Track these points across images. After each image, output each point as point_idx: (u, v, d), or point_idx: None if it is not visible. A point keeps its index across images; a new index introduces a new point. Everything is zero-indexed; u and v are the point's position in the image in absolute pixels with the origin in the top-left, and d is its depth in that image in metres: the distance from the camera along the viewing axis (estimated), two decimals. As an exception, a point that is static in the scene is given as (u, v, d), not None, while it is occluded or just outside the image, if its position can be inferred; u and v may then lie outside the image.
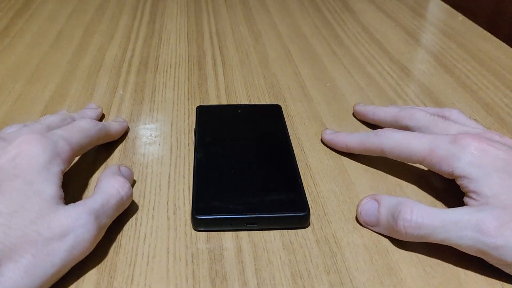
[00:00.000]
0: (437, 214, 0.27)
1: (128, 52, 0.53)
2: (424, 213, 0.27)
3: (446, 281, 0.27)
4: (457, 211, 0.27)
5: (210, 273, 0.27)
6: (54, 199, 0.26)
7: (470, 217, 0.26)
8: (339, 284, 0.27)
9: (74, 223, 0.25)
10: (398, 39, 0.59)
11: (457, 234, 0.26)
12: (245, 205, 0.30)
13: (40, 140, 0.28)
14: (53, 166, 0.28)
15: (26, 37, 0.57)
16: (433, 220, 0.27)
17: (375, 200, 0.30)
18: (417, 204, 0.28)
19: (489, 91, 0.47)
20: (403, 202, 0.28)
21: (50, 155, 0.28)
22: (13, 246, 0.23)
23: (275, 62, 0.52)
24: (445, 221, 0.26)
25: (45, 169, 0.27)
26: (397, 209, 0.28)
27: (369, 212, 0.30)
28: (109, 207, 0.28)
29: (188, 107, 0.43)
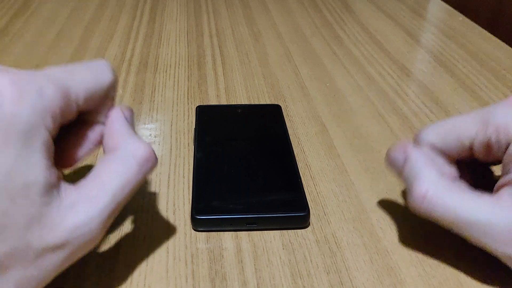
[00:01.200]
0: (452, 206, 0.24)
1: (127, 51, 0.53)
2: (438, 201, 0.24)
3: (446, 281, 0.27)
4: (476, 206, 0.24)
5: (209, 273, 0.27)
6: (45, 196, 0.20)
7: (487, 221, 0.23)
8: (339, 284, 0.27)
9: (73, 233, 0.20)
10: (398, 39, 0.59)
11: (467, 233, 0.24)
12: (245, 205, 0.30)
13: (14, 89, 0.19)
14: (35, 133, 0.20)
15: (25, 36, 0.57)
16: (445, 213, 0.24)
17: (404, 152, 0.27)
18: (435, 185, 0.25)
19: (489, 91, 0.47)
20: (422, 177, 0.25)
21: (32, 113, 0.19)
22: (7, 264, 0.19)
23: (275, 62, 0.52)
24: (457, 218, 0.24)
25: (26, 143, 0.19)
26: (414, 183, 0.25)
27: (395, 162, 0.28)
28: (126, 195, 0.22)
29: (188, 107, 0.43)
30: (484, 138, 0.25)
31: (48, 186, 0.20)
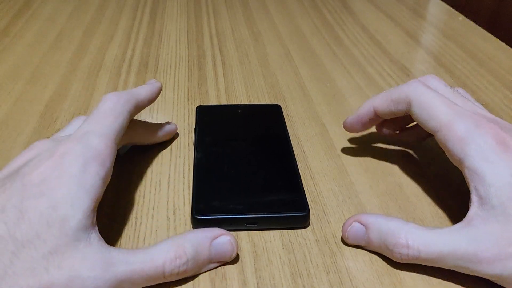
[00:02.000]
0: (432, 244, 0.25)
1: (128, 52, 0.53)
2: (420, 245, 0.25)
3: (446, 281, 0.27)
4: (455, 236, 0.25)
5: (209, 272, 0.27)
6: (76, 232, 0.22)
7: (467, 246, 0.24)
8: (339, 283, 0.27)
9: (87, 273, 0.22)
10: (398, 39, 0.59)
11: (454, 264, 0.25)
12: (245, 205, 0.30)
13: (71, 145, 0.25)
14: (87, 177, 0.24)
15: (26, 37, 0.57)
16: (429, 253, 0.25)
17: (360, 223, 0.28)
18: (411, 233, 0.26)
19: (489, 91, 0.47)
20: (395, 231, 0.26)
21: (82, 161, 0.24)
22: (16, 276, 0.21)
23: (275, 62, 0.52)
24: (441, 253, 0.25)
25: (76, 184, 0.23)
26: (391, 241, 0.26)
27: (357, 237, 0.28)
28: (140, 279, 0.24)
29: (188, 107, 0.43)
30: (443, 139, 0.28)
31: (83, 224, 0.23)
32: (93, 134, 0.26)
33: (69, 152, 0.24)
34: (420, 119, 0.29)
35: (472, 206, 0.26)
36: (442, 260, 0.25)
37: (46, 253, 0.22)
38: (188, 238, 0.26)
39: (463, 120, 0.27)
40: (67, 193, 0.23)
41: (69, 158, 0.24)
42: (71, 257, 0.22)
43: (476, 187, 0.25)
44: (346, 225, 0.28)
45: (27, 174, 0.24)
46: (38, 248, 0.22)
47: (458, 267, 0.25)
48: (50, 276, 0.21)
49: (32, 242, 0.22)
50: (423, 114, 0.29)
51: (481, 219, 0.25)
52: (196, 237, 0.26)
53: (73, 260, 0.22)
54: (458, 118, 0.27)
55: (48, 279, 0.21)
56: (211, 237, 0.26)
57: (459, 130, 0.26)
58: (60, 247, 0.22)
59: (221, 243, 0.26)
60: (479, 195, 0.25)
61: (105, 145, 0.26)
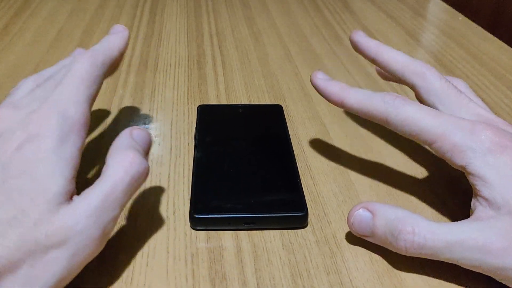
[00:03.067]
0: (440, 233, 0.25)
1: (127, 51, 0.53)
2: (427, 233, 0.25)
3: (446, 282, 0.27)
4: (463, 227, 0.25)
5: (209, 272, 0.27)
6: (57, 198, 0.23)
7: (477, 236, 0.24)
8: (339, 284, 0.27)
9: (72, 229, 0.22)
10: (398, 39, 0.58)
11: (461, 255, 0.25)
12: (243, 205, 0.30)
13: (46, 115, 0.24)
14: (65, 148, 0.24)
15: (26, 36, 0.57)
16: (436, 241, 0.25)
17: (368, 210, 0.27)
18: (418, 222, 0.25)
19: (489, 91, 0.47)
20: (402, 219, 0.26)
21: (60, 134, 0.24)
22: (11, 257, 0.21)
23: (275, 62, 0.52)
24: (449, 242, 0.24)
25: (55, 156, 0.23)
26: (397, 227, 0.26)
27: (362, 224, 0.27)
28: (116, 197, 0.24)
29: (188, 107, 0.43)
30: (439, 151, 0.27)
31: (62, 192, 0.23)
32: (68, 102, 0.26)
33: (45, 125, 0.24)
34: (408, 136, 0.28)
35: (478, 206, 0.26)
36: (449, 251, 0.25)
37: (32, 225, 0.22)
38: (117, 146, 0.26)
39: (457, 129, 0.26)
40: (47, 167, 0.23)
41: (45, 132, 0.24)
42: (54, 222, 0.22)
43: (481, 189, 0.25)
44: (353, 211, 0.28)
45: (3, 153, 0.23)
46: (24, 223, 0.22)
47: (465, 259, 0.25)
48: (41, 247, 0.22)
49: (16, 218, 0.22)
50: (409, 131, 0.28)
51: (489, 216, 0.25)
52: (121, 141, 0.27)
53: (57, 223, 0.22)
54: (452, 128, 0.26)
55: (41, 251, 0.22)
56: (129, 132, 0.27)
57: (455, 139, 0.26)
58: (44, 214, 0.22)
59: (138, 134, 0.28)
60: (484, 196, 0.25)
61: (81, 114, 0.26)
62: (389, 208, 0.27)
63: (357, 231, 0.28)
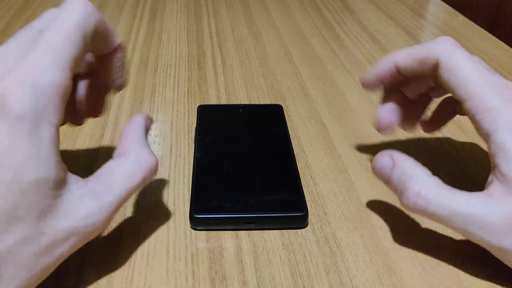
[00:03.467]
0: (445, 202, 0.25)
1: (128, 51, 0.53)
2: (432, 198, 0.25)
3: (446, 281, 0.27)
4: (471, 201, 0.24)
5: (209, 272, 0.27)
6: (56, 189, 0.21)
7: (481, 214, 0.24)
8: (339, 284, 0.27)
9: (83, 222, 0.22)
10: (398, 39, 0.59)
11: (462, 227, 0.24)
12: (243, 205, 0.30)
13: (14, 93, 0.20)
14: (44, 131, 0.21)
15: (26, 36, 0.57)
16: (439, 209, 0.25)
17: (391, 158, 0.28)
18: (428, 184, 0.25)
19: (489, 91, 0.47)
20: (413, 177, 0.26)
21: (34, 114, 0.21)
22: (11, 249, 0.21)
23: (275, 62, 0.52)
24: (452, 212, 0.24)
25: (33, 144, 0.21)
26: (405, 185, 0.26)
27: (383, 170, 0.28)
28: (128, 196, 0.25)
29: (188, 107, 0.43)
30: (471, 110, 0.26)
31: (58, 180, 0.22)
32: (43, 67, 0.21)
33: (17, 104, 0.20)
34: (447, 84, 0.27)
35: (494, 181, 0.25)
36: (451, 220, 0.25)
37: (35, 219, 0.21)
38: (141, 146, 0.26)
39: (495, 92, 0.25)
40: (27, 156, 0.20)
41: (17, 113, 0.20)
42: (61, 214, 0.22)
43: (500, 163, 0.24)
44: (377, 156, 0.28)
45: None
46: (24, 218, 0.21)
47: (465, 232, 0.25)
48: (47, 237, 0.21)
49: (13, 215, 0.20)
50: (451, 80, 0.26)
51: (502, 193, 0.24)
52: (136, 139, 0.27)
53: (64, 216, 0.22)
54: (490, 89, 0.25)
55: (46, 240, 0.21)
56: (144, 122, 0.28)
57: (491, 102, 0.25)
58: (45, 209, 0.21)
59: None
60: (501, 172, 0.24)
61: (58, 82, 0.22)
62: (410, 163, 0.27)
63: (376, 173, 0.29)
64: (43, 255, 0.22)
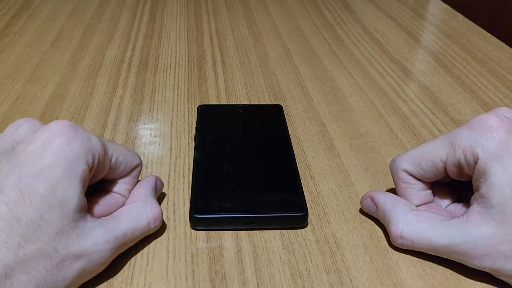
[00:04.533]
0: (426, 238, 0.27)
1: (128, 52, 0.53)
2: (414, 237, 0.27)
3: (446, 281, 0.27)
4: (450, 231, 0.26)
5: (209, 273, 0.27)
6: (76, 214, 0.24)
7: (460, 243, 0.26)
8: (339, 284, 0.27)
9: (92, 247, 0.24)
10: (398, 39, 0.59)
11: (447, 255, 0.27)
12: (243, 205, 0.30)
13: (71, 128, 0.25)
14: (79, 164, 0.24)
15: (26, 36, 0.57)
16: (423, 245, 0.27)
17: (372, 201, 0.30)
18: (408, 224, 0.27)
19: (489, 91, 0.47)
20: (392, 220, 0.28)
21: (80, 148, 0.24)
22: (27, 258, 0.22)
23: (275, 62, 0.52)
24: (435, 246, 0.27)
25: (70, 168, 0.24)
26: (390, 226, 0.28)
27: (369, 210, 0.31)
28: (133, 238, 0.27)
29: (188, 107, 0.43)
30: (454, 160, 0.27)
31: (80, 206, 0.24)
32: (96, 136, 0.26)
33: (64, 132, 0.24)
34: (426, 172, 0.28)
35: (473, 203, 0.26)
36: (436, 251, 0.27)
37: (52, 234, 0.23)
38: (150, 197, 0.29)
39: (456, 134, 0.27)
40: (62, 175, 0.23)
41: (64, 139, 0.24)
42: (75, 236, 0.24)
43: (480, 186, 0.26)
44: (362, 198, 0.31)
45: (23, 151, 0.24)
46: (44, 229, 0.22)
47: (451, 257, 0.27)
48: (59, 255, 0.23)
49: (37, 223, 0.22)
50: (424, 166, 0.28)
51: (479, 215, 0.26)
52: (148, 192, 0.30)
53: (77, 239, 0.24)
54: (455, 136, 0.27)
55: (58, 258, 0.23)
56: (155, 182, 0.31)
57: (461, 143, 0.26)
58: (64, 228, 0.23)
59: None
60: (481, 193, 0.26)
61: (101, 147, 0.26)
62: (389, 203, 0.29)
63: (367, 212, 0.31)
64: (52, 272, 0.23)
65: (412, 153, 0.29)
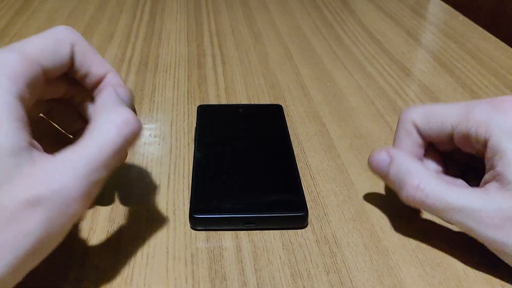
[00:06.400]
0: (443, 195, 0.26)
1: (127, 51, 0.53)
2: (429, 191, 0.26)
3: (446, 281, 0.27)
4: (466, 195, 0.26)
5: (209, 273, 0.27)
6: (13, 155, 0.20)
7: (477, 207, 0.25)
8: (339, 284, 0.27)
9: (47, 188, 0.20)
10: (398, 39, 0.58)
11: (458, 220, 0.26)
12: (243, 205, 0.30)
13: None
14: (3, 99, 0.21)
15: (26, 36, 0.56)
16: (436, 202, 0.26)
17: (388, 154, 0.29)
18: (426, 178, 0.26)
19: (489, 91, 0.47)
20: (411, 172, 0.27)
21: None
22: None
23: (275, 62, 0.52)
24: (449, 206, 0.25)
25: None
26: (404, 179, 0.27)
27: (380, 165, 0.29)
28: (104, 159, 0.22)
29: (188, 107, 0.43)
30: (465, 129, 0.27)
31: (17, 149, 0.20)
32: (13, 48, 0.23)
33: None
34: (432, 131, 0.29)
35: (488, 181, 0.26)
36: (447, 213, 0.26)
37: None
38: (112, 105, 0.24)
39: (475, 106, 0.27)
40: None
41: None
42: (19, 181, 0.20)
43: (495, 164, 0.26)
44: (374, 151, 0.29)
45: None
46: None
47: (460, 224, 0.26)
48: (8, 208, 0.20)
49: None
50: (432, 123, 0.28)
51: (497, 190, 0.25)
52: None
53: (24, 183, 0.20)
54: (470, 106, 0.27)
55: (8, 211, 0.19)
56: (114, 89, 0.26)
57: (476, 116, 0.26)
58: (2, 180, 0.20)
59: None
60: (497, 171, 0.25)
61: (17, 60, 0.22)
62: (407, 158, 0.28)
63: (373, 169, 0.29)
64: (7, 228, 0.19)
65: (426, 109, 0.29)
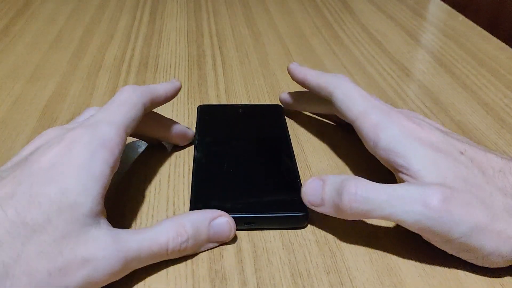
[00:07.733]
0: (382, 188, 0.26)
1: (128, 52, 0.53)
2: (369, 188, 0.26)
3: (446, 281, 0.27)
4: (402, 186, 0.27)
5: (209, 273, 0.27)
6: (87, 218, 0.23)
7: (416, 191, 0.26)
8: (339, 284, 0.27)
9: (100, 253, 0.23)
10: (398, 39, 0.59)
11: (403, 209, 0.25)
12: (243, 205, 0.30)
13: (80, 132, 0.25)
14: (96, 164, 0.25)
15: (26, 37, 0.57)
16: (378, 194, 0.26)
17: (320, 179, 0.29)
18: (361, 180, 0.27)
19: (489, 91, 0.47)
20: (347, 179, 0.27)
21: (91, 148, 0.25)
22: (29, 259, 0.22)
23: (275, 62, 0.52)
24: (391, 195, 0.26)
25: (86, 172, 0.24)
26: (342, 185, 0.27)
27: (314, 191, 0.28)
28: (148, 254, 0.25)
29: (188, 107, 0.43)
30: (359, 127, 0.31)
31: (94, 211, 0.24)
32: (103, 122, 0.27)
33: (78, 139, 0.25)
34: (339, 111, 0.33)
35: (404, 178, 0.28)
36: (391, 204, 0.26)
37: (58, 237, 0.22)
38: (188, 217, 0.27)
39: (374, 109, 0.30)
40: (76, 180, 0.24)
41: (78, 145, 0.25)
42: (83, 241, 0.23)
43: (396, 161, 0.28)
44: (307, 181, 0.29)
45: (36, 161, 0.24)
46: (50, 232, 0.22)
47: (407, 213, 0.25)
48: (64, 259, 0.22)
49: (43, 226, 0.22)
50: (342, 106, 0.32)
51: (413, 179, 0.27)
52: (196, 217, 0.28)
53: (85, 244, 0.23)
54: (371, 109, 0.30)
55: (62, 261, 0.22)
56: (210, 218, 0.28)
57: (372, 118, 0.30)
58: (72, 232, 0.23)
59: (219, 224, 0.28)
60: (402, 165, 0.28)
61: (114, 134, 0.26)
62: (338, 176, 0.29)
63: (308, 199, 0.29)
64: (55, 276, 0.22)
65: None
